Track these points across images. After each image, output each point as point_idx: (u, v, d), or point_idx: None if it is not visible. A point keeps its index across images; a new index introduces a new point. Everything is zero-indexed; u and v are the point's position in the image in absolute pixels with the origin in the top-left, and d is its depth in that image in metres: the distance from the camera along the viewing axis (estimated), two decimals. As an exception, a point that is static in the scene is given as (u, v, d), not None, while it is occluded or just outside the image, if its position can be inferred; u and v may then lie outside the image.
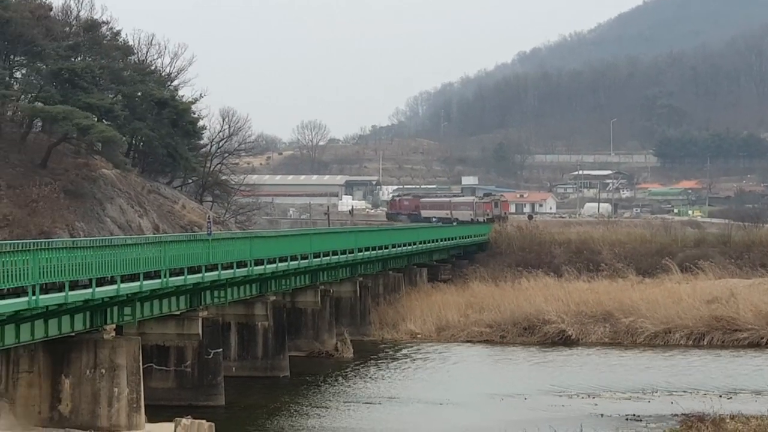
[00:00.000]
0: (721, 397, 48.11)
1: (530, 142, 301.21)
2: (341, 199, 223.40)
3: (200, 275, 43.03)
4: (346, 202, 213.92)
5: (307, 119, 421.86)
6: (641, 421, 42.99)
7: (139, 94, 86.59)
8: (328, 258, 60.09)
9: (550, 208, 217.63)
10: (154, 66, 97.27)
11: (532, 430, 39.75)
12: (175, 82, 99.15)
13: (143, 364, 39.22)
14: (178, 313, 44.27)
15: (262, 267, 49.77)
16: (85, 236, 63.00)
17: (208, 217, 50.60)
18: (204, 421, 35.03)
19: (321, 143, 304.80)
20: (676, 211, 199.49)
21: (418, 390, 51.38)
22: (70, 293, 33.48)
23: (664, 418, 42.78)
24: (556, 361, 60.98)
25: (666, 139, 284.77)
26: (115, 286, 36.34)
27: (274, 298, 54.74)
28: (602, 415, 44.24)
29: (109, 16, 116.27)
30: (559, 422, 41.19)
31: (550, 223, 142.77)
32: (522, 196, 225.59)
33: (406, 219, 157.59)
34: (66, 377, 36.96)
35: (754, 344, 65.08)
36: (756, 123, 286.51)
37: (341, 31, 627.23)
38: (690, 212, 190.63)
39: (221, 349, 46.81)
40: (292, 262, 53.80)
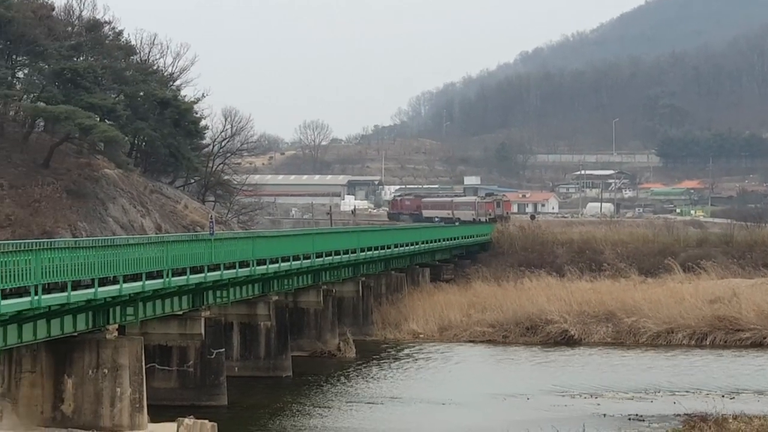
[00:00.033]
0: (723, 397, 48.11)
1: (533, 141, 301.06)
2: (343, 199, 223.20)
3: (203, 275, 42.98)
4: (349, 202, 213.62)
5: (308, 119, 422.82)
6: (644, 421, 42.97)
7: (141, 93, 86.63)
8: (331, 258, 60.04)
9: (553, 208, 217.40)
10: (156, 66, 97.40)
11: (534, 430, 39.76)
12: (178, 82, 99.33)
13: (146, 364, 39.20)
14: (181, 313, 44.26)
15: (265, 267, 49.73)
16: (87, 236, 63.03)
17: (211, 217, 50.71)
18: (206, 421, 35.00)
19: (323, 143, 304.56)
20: (678, 210, 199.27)
21: (421, 390, 51.36)
22: (73, 293, 33.46)
23: (666, 418, 42.76)
24: (558, 360, 60.96)
25: (668, 139, 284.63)
26: (117, 286, 36.33)
27: (277, 298, 54.71)
28: (605, 415, 44.23)
29: (111, 16, 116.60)
30: (561, 422, 41.20)
31: (553, 222, 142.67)
32: (524, 196, 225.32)
33: (407, 219, 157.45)
34: (68, 377, 36.96)
35: (757, 344, 65.06)
36: (758, 123, 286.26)
37: (341, 31, 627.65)
38: (692, 212, 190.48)
39: (224, 349, 46.82)
40: (294, 262, 53.75)
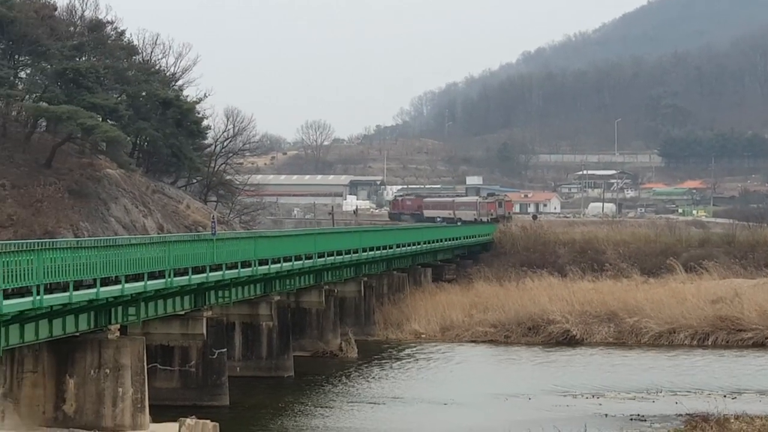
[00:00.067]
0: (725, 397, 48.12)
1: (535, 141, 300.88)
2: (345, 199, 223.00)
3: (204, 275, 42.97)
4: (351, 202, 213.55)
5: (309, 119, 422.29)
6: (645, 421, 42.99)
7: (143, 93, 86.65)
8: (333, 258, 60.01)
9: (555, 208, 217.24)
10: (158, 66, 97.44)
11: (536, 430, 39.78)
12: (180, 82, 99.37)
13: (147, 364, 39.20)
14: (183, 313, 44.27)
15: (267, 267, 49.71)
16: (89, 236, 63.05)
17: (213, 217, 50.70)
18: (208, 421, 35.02)
19: (325, 143, 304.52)
20: (680, 211, 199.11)
21: (423, 390, 51.38)
22: (75, 293, 33.46)
23: (668, 418, 42.78)
24: (560, 361, 60.98)
25: (670, 139, 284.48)
26: (119, 286, 36.32)
27: (279, 298, 54.72)
28: (606, 415, 44.25)
29: (113, 15, 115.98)
30: (563, 422, 41.22)
31: (555, 223, 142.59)
32: (526, 196, 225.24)
33: (409, 219, 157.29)
34: (70, 377, 36.97)
35: (759, 344, 65.10)
36: (760, 123, 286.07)
37: (341, 31, 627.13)
38: (694, 212, 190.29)
39: (225, 349, 46.82)
40: (296, 262, 53.73)
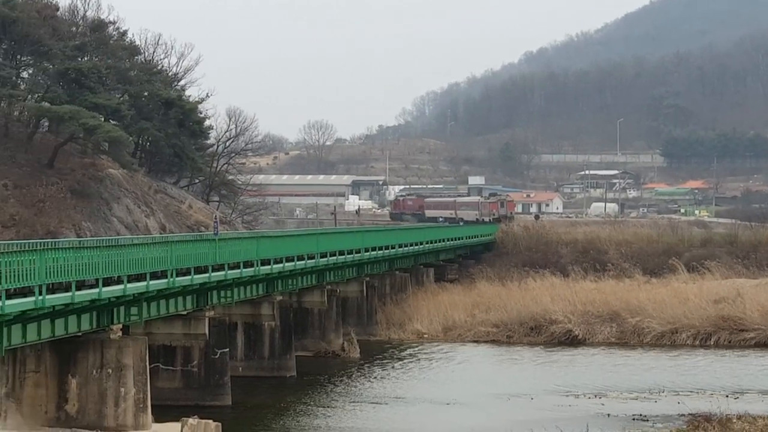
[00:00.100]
0: (727, 397, 48.10)
1: (537, 141, 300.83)
2: (348, 199, 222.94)
3: (207, 275, 42.97)
4: (353, 202, 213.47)
5: (311, 119, 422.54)
6: (648, 421, 42.97)
7: (145, 94, 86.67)
8: (335, 258, 60.00)
9: (557, 208, 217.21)
10: (160, 66, 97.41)
11: (538, 430, 39.76)
12: (182, 82, 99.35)
13: (150, 364, 39.18)
14: (185, 313, 44.27)
15: (269, 267, 49.71)
16: (91, 236, 63.09)
17: (215, 217, 50.63)
18: (210, 421, 35.01)
19: (328, 143, 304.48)
20: (682, 210, 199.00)
21: (425, 390, 51.38)
22: (77, 293, 33.46)
23: (670, 418, 42.77)
24: (562, 360, 60.97)
25: (672, 139, 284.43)
26: (121, 286, 36.32)
27: (281, 298, 54.73)
28: (609, 415, 44.25)
29: (115, 16, 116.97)
30: (565, 422, 41.21)
31: (557, 223, 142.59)
32: (528, 196, 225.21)
33: (410, 219, 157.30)
34: (73, 377, 36.96)
35: (761, 344, 65.06)
36: (763, 123, 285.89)
37: (341, 31, 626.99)
38: (696, 212, 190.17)
39: (228, 349, 46.84)
40: (298, 262, 53.73)
